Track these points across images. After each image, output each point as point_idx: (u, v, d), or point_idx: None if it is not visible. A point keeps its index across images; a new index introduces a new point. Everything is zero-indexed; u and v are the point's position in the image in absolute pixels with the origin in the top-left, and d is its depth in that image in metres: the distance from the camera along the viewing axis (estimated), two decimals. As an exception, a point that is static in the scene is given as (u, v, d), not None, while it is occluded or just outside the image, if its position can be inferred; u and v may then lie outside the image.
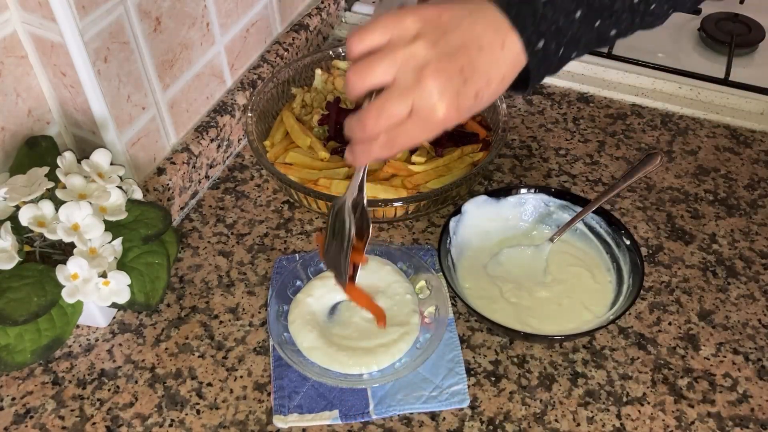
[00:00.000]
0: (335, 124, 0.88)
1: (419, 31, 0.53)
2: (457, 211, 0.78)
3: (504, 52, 0.54)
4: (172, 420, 0.67)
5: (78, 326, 0.74)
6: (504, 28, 0.54)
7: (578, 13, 0.55)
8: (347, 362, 0.68)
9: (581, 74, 1.03)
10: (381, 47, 0.54)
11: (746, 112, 0.97)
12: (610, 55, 1.03)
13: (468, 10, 0.54)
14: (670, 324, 0.74)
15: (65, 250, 0.67)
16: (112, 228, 0.68)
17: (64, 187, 0.67)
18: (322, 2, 1.08)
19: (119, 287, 0.67)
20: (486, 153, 0.86)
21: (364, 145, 0.57)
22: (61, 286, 0.64)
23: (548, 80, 1.02)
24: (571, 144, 0.93)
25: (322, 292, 0.74)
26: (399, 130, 0.55)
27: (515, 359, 0.71)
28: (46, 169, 0.68)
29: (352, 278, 0.66)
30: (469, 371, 0.70)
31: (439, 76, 0.52)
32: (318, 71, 0.94)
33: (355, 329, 0.72)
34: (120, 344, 0.73)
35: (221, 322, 0.75)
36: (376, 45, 0.54)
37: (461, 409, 0.67)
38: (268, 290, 0.77)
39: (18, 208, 0.65)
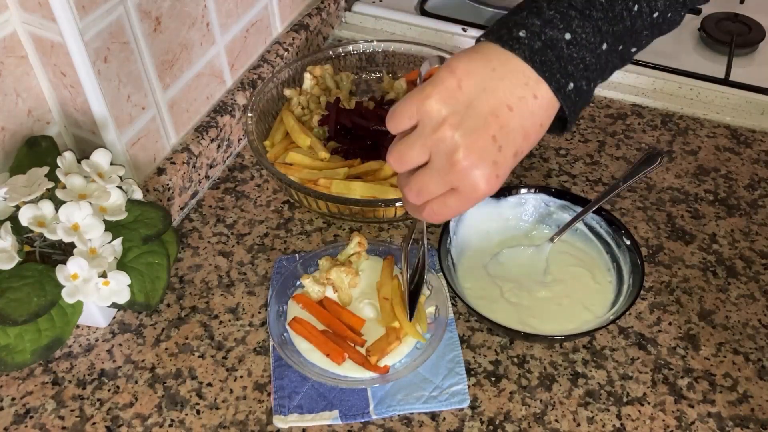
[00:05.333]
0: (335, 125, 0.88)
1: (442, 114, 0.52)
2: (457, 211, 0.78)
3: (538, 101, 0.53)
4: (172, 420, 0.67)
5: (78, 326, 0.74)
6: (532, 79, 0.53)
7: (604, 46, 0.55)
8: (346, 363, 0.68)
9: (581, 74, 1.02)
10: (414, 130, 0.55)
11: (746, 112, 0.97)
12: (610, 55, 1.03)
13: (490, 68, 0.53)
14: (670, 324, 0.74)
15: (65, 250, 0.67)
16: (112, 228, 0.68)
17: (64, 187, 0.67)
18: (322, 2, 1.08)
19: (119, 287, 0.67)
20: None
21: (413, 209, 0.59)
22: (61, 286, 0.64)
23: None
24: (571, 144, 0.93)
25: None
26: (441, 204, 0.56)
27: (515, 359, 0.71)
28: (46, 169, 0.68)
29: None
30: (469, 371, 0.70)
31: (470, 155, 0.52)
32: (306, 74, 0.94)
33: (355, 329, 0.72)
34: (120, 344, 0.73)
35: (221, 322, 0.75)
36: (409, 128, 0.55)
37: (461, 410, 0.67)
38: (268, 290, 0.77)
39: (18, 208, 0.65)
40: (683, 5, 0.58)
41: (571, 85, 0.54)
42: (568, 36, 0.53)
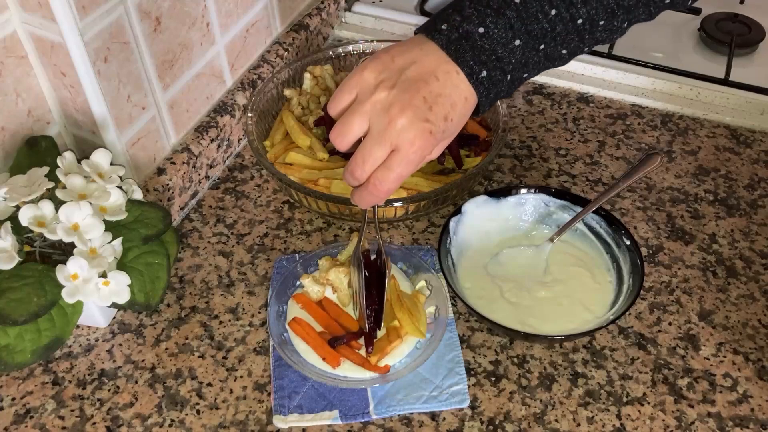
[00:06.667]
0: (330, 126, 0.88)
1: (378, 80, 0.59)
2: (457, 211, 0.78)
3: (460, 76, 0.60)
4: (172, 420, 0.67)
5: (78, 326, 0.74)
6: (451, 60, 0.60)
7: (517, 42, 0.60)
8: (346, 363, 0.68)
9: (581, 74, 1.03)
10: (352, 104, 0.60)
11: (746, 112, 0.97)
12: (610, 55, 1.03)
13: (418, 48, 0.61)
14: (670, 324, 0.74)
15: (65, 250, 0.67)
16: (112, 228, 0.68)
17: (64, 187, 0.67)
18: (322, 2, 1.08)
19: (119, 287, 0.67)
20: (486, 153, 0.86)
21: (360, 191, 0.62)
22: (61, 286, 0.64)
23: (548, 80, 1.02)
24: (571, 144, 0.93)
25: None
26: (385, 169, 0.60)
27: (515, 359, 0.71)
28: (46, 169, 0.68)
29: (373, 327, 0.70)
30: (469, 371, 0.70)
31: (404, 111, 0.58)
32: (306, 74, 0.94)
33: (355, 329, 0.72)
34: (120, 344, 0.73)
35: (221, 322, 0.75)
36: (348, 103, 0.61)
37: (461, 409, 0.67)
38: (268, 290, 0.77)
39: (18, 208, 0.65)
40: (617, 17, 0.62)
41: (484, 72, 0.60)
42: (481, 30, 0.60)
